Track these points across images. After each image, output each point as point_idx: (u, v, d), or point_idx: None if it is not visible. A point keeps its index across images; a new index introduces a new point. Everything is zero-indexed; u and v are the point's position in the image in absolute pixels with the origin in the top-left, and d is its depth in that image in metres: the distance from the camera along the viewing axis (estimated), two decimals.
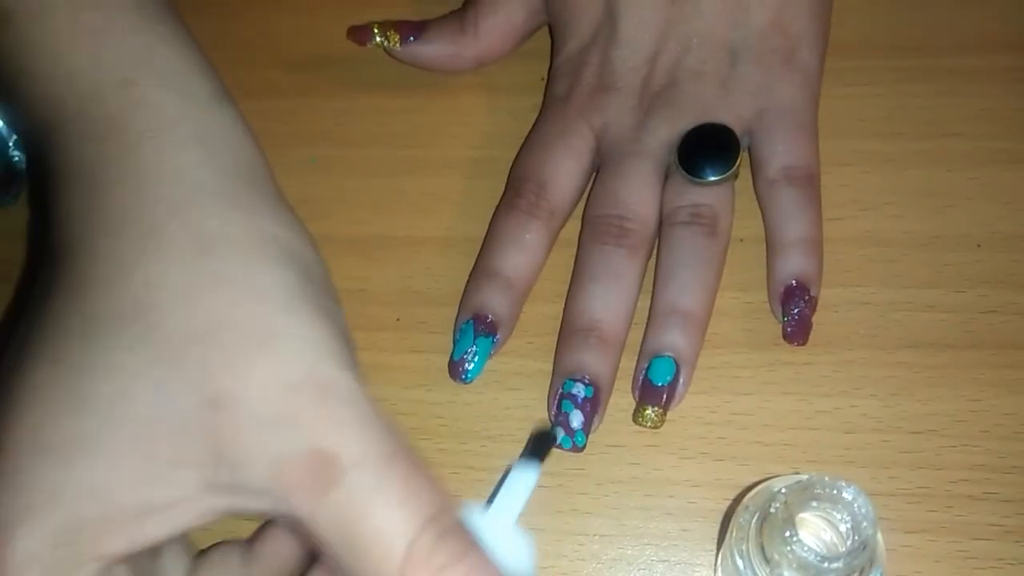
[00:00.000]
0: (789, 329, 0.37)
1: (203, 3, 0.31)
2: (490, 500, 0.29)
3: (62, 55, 0.28)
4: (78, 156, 0.27)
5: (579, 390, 0.36)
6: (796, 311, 0.37)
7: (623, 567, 0.35)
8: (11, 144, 0.45)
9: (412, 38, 0.43)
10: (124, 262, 0.25)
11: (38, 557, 0.24)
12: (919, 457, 0.35)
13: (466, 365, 0.37)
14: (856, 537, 0.26)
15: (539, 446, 0.32)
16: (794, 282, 0.37)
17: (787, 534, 0.26)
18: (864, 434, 0.36)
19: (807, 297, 0.37)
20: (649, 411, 0.36)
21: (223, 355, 0.24)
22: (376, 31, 0.43)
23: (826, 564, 0.26)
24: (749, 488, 0.30)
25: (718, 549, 0.35)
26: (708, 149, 0.38)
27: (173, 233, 0.25)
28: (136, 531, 0.24)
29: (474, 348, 0.37)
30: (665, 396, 0.36)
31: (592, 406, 0.36)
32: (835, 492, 0.27)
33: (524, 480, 0.29)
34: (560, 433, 0.35)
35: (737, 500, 0.35)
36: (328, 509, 0.24)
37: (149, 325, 0.24)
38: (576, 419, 0.35)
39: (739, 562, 0.29)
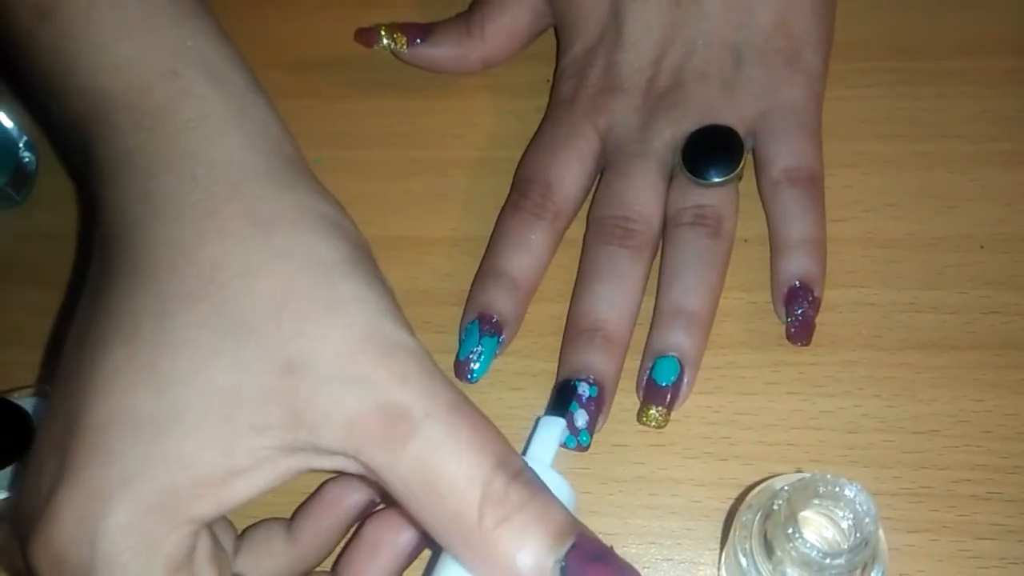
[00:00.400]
0: (793, 330, 0.37)
1: (210, 5, 0.31)
2: (523, 452, 0.31)
3: (108, 47, 0.29)
4: (126, 146, 0.28)
5: (584, 389, 0.36)
6: (800, 312, 0.37)
7: None
8: (21, 145, 0.45)
9: (419, 40, 0.43)
10: (186, 244, 0.26)
11: (134, 524, 0.25)
12: (922, 457, 0.35)
13: (472, 365, 0.37)
14: (858, 534, 0.27)
15: (562, 398, 0.35)
16: (798, 283, 0.37)
17: (790, 531, 0.26)
18: (867, 434, 0.36)
19: (811, 298, 0.37)
20: (653, 411, 0.36)
21: (293, 322, 0.26)
22: (383, 33, 0.43)
23: (828, 561, 0.26)
24: (752, 487, 0.30)
25: (722, 547, 0.35)
26: (712, 150, 0.38)
27: (231, 214, 0.27)
28: (223, 495, 0.26)
29: (480, 348, 0.37)
30: (669, 396, 0.36)
31: (596, 405, 0.36)
32: (837, 490, 0.27)
33: (554, 429, 0.32)
34: (582, 385, 0.36)
35: (740, 499, 0.35)
36: (404, 460, 0.25)
37: (220, 300, 0.26)
38: (581, 418, 0.36)
39: (742, 560, 0.29)
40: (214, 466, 0.25)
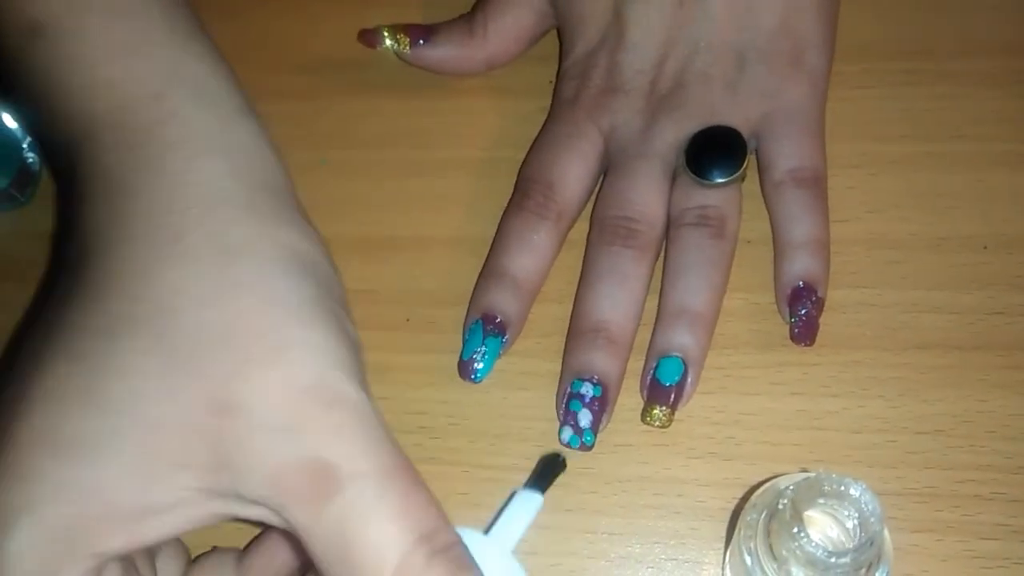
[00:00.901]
0: (796, 330, 0.37)
1: (213, 7, 0.31)
2: (491, 524, 0.29)
3: (96, 68, 0.28)
4: (107, 164, 0.27)
5: (587, 389, 0.36)
6: (803, 312, 0.37)
7: (632, 565, 0.36)
8: (25, 146, 0.46)
9: (422, 41, 0.43)
10: (147, 266, 0.26)
11: (34, 550, 0.24)
12: (926, 457, 0.35)
13: (475, 365, 0.37)
14: (863, 533, 0.27)
15: (545, 473, 0.32)
16: (801, 283, 0.37)
17: (795, 531, 0.26)
18: (871, 434, 0.36)
19: (814, 298, 0.37)
20: (657, 411, 0.36)
21: (234, 361, 0.25)
22: (386, 34, 0.43)
23: (833, 560, 0.26)
24: (757, 486, 0.30)
25: (726, 547, 0.35)
26: (715, 151, 0.38)
27: (197, 240, 0.26)
28: (134, 531, 0.25)
29: (483, 348, 0.37)
30: (673, 396, 0.36)
31: (600, 405, 0.36)
32: (842, 489, 0.27)
33: (527, 506, 0.30)
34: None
35: (745, 498, 0.35)
36: (324, 520, 0.24)
37: (166, 329, 0.25)
38: (584, 418, 0.36)
39: (747, 559, 0.29)
40: (128, 499, 0.24)
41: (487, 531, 0.29)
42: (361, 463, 0.24)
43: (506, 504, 0.30)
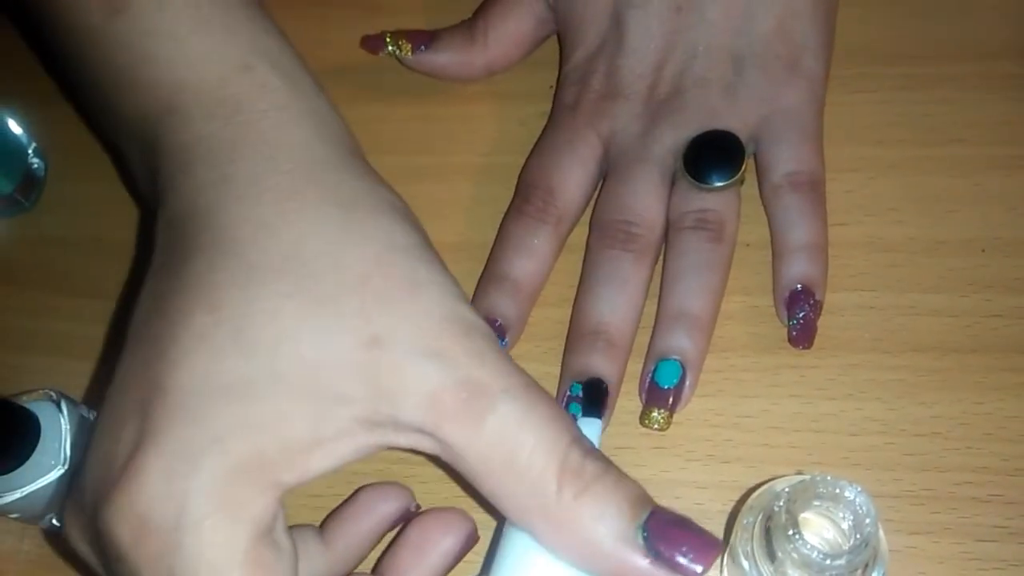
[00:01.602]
0: (794, 333, 0.37)
1: None
2: None
3: (184, 41, 0.30)
4: (202, 133, 0.29)
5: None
6: (801, 315, 0.37)
7: None
8: (30, 151, 0.46)
9: (423, 47, 0.44)
10: (269, 222, 0.27)
11: (222, 485, 0.25)
12: (923, 459, 0.36)
13: None
14: (858, 535, 0.27)
15: (594, 401, 0.35)
16: (799, 286, 0.37)
17: (790, 533, 0.27)
18: (869, 436, 0.36)
19: (812, 301, 0.37)
20: (656, 413, 0.37)
21: (377, 299, 0.26)
22: (388, 40, 0.44)
23: (829, 562, 0.26)
24: (753, 489, 0.31)
25: (724, 550, 0.35)
26: (714, 155, 0.38)
27: (312, 196, 0.28)
28: (306, 463, 0.26)
29: None
30: (671, 399, 0.36)
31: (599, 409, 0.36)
32: (837, 491, 0.27)
33: (591, 431, 0.32)
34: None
35: (742, 501, 0.35)
36: (484, 435, 0.26)
37: (305, 275, 0.27)
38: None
39: (744, 562, 0.29)
40: (300, 433, 0.26)
41: None
42: (505, 381, 0.26)
43: None
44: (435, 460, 0.30)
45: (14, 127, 0.46)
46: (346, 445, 0.27)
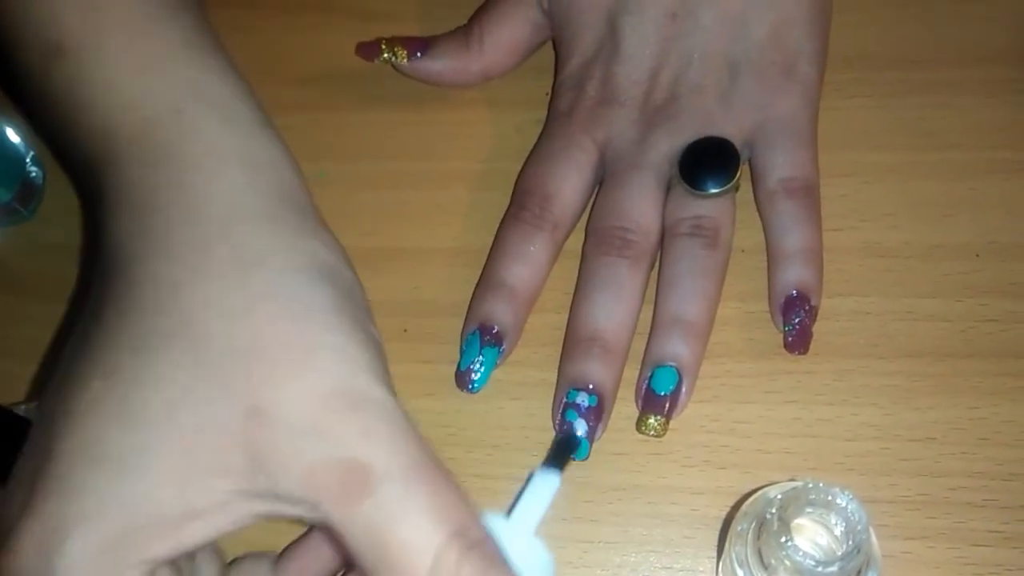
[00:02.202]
0: (790, 338, 0.37)
1: (212, 22, 0.32)
2: (511, 508, 0.30)
3: (118, 87, 0.29)
4: (130, 180, 0.28)
5: (583, 399, 0.36)
6: (797, 321, 0.37)
7: (627, 574, 0.36)
8: (28, 160, 0.46)
9: (419, 53, 0.44)
10: (174, 281, 0.27)
11: (88, 561, 0.25)
12: (918, 464, 0.36)
13: (473, 375, 0.38)
14: (850, 541, 0.27)
15: (560, 453, 0.33)
16: (795, 292, 0.37)
17: (783, 540, 0.27)
18: (864, 442, 0.36)
19: (807, 307, 0.37)
20: (652, 420, 0.37)
21: (263, 368, 0.25)
22: (384, 47, 0.44)
23: (821, 569, 0.26)
24: (747, 495, 0.31)
25: (718, 556, 0.35)
26: (709, 162, 0.39)
27: (221, 254, 0.27)
28: (179, 535, 0.26)
29: (480, 358, 0.38)
30: (668, 405, 0.37)
31: (596, 415, 0.36)
32: (828, 498, 0.27)
33: (545, 487, 0.30)
34: (580, 432, 0.36)
35: (736, 507, 0.35)
36: (359, 518, 0.25)
37: (196, 340, 0.26)
38: (580, 428, 0.36)
39: (738, 569, 0.29)
40: (170, 506, 0.25)
41: (508, 514, 0.29)
42: (390, 461, 0.25)
43: (524, 487, 0.31)
44: None
45: (12, 135, 0.46)
46: (224, 516, 0.26)
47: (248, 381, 0.25)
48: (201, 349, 0.26)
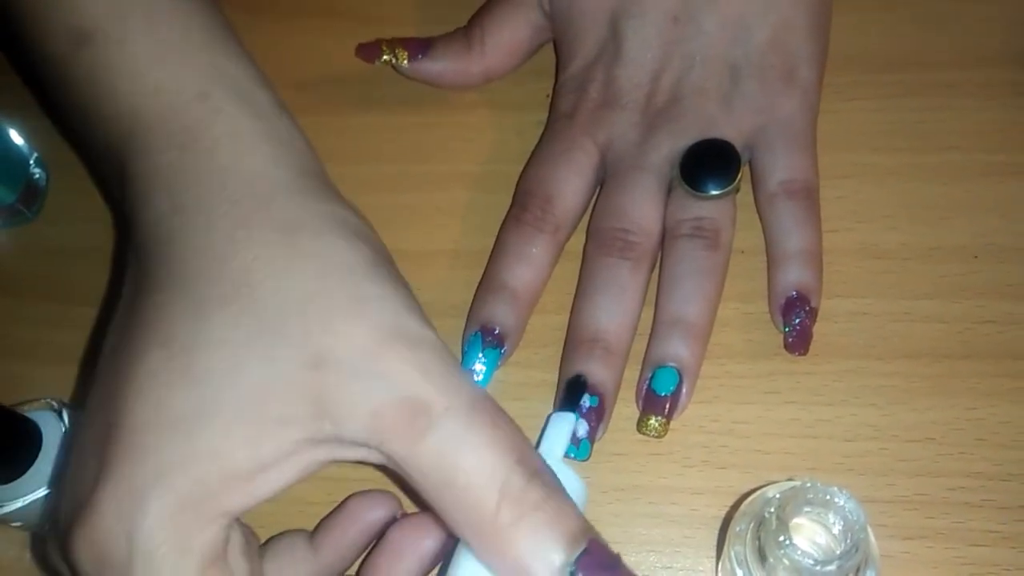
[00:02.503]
0: (790, 339, 0.38)
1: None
2: (536, 446, 0.32)
3: (142, 74, 0.30)
4: (160, 163, 0.30)
5: (584, 400, 0.36)
6: (797, 321, 0.37)
7: None
8: (32, 162, 0.46)
9: (420, 55, 0.44)
10: (219, 253, 0.28)
11: (168, 519, 0.26)
12: (917, 465, 0.36)
13: (474, 376, 0.38)
14: (848, 540, 0.27)
15: (570, 395, 0.36)
16: (794, 293, 0.37)
17: (781, 539, 0.27)
18: (863, 442, 0.37)
19: (807, 308, 0.37)
20: (653, 420, 0.37)
21: (320, 319, 0.27)
22: (384, 49, 0.44)
23: (820, 568, 0.27)
24: (746, 495, 0.31)
25: (718, 556, 0.35)
26: (710, 164, 0.39)
27: (259, 224, 0.28)
28: (252, 488, 0.27)
29: (482, 359, 0.38)
30: (668, 405, 0.37)
31: (597, 415, 0.36)
32: (826, 497, 0.27)
33: (564, 423, 0.33)
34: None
35: (735, 507, 0.36)
36: (424, 453, 0.26)
37: (250, 302, 0.27)
38: (581, 428, 0.36)
39: (737, 569, 0.29)
40: (243, 460, 0.26)
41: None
42: (450, 398, 0.26)
43: (544, 428, 0.34)
44: None
45: (16, 137, 0.46)
46: (292, 465, 0.27)
47: (307, 332, 0.27)
48: (255, 309, 0.27)
